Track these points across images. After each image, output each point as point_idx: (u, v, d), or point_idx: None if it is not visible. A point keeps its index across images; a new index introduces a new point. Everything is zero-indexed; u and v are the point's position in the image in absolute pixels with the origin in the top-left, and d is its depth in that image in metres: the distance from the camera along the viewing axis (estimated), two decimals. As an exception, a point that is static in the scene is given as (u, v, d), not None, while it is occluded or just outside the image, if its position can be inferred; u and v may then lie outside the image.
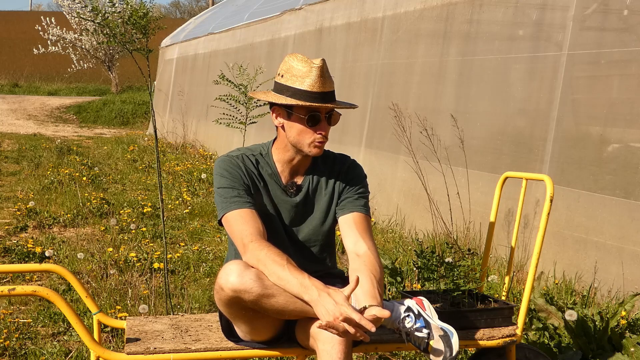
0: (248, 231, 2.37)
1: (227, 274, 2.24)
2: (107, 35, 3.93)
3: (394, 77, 7.07)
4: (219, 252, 5.64)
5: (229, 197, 2.45)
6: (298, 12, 9.61)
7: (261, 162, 2.55)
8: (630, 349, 3.18)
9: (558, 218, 4.63)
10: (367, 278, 2.32)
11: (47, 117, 21.83)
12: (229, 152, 2.59)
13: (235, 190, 2.46)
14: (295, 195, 2.55)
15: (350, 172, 2.60)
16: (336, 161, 2.62)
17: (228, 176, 2.49)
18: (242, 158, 2.54)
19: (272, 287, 2.23)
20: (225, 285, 2.23)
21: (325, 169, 2.60)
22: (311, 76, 2.41)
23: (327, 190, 2.58)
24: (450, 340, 2.38)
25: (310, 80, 2.40)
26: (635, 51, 4.45)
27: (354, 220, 2.51)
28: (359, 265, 2.39)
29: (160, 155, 11.97)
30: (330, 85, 2.44)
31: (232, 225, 2.42)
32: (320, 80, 2.41)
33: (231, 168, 2.50)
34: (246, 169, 2.52)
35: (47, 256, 4.99)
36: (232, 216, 2.42)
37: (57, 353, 3.54)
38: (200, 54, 14.87)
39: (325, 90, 2.42)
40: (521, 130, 5.31)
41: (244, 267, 2.25)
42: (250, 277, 2.22)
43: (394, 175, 6.73)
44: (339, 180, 2.58)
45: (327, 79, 2.43)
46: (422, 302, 2.49)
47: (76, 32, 24.97)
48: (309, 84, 2.40)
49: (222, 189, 2.47)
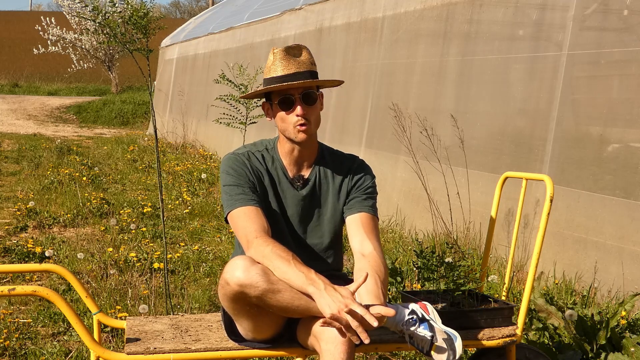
0: (252, 228, 2.38)
1: (233, 269, 2.24)
2: (108, 35, 3.93)
3: (394, 77, 7.07)
4: (219, 252, 5.64)
5: (234, 194, 2.47)
6: (298, 12, 9.61)
7: (267, 157, 2.57)
8: (630, 349, 3.18)
9: (558, 218, 4.63)
10: (371, 278, 2.33)
11: (47, 117, 21.83)
12: (235, 150, 2.61)
13: (241, 187, 2.48)
14: (302, 188, 2.57)
15: (359, 171, 2.61)
16: (345, 160, 2.63)
17: (233, 174, 2.50)
18: (248, 155, 2.56)
19: (278, 283, 2.24)
20: (231, 280, 2.24)
21: (333, 164, 2.61)
22: (275, 62, 2.46)
23: (335, 187, 2.59)
24: (453, 344, 2.38)
25: (275, 66, 2.46)
26: (635, 51, 4.45)
27: (361, 220, 2.52)
28: (364, 265, 2.39)
29: (160, 155, 11.96)
30: (296, 67, 2.45)
31: (236, 223, 2.43)
32: (282, 63, 2.45)
33: (237, 165, 2.52)
34: (252, 166, 2.53)
35: (47, 256, 4.99)
36: (237, 213, 2.44)
37: (57, 353, 3.54)
38: (200, 54, 14.87)
39: (289, 72, 2.44)
40: (521, 130, 5.31)
41: (250, 263, 2.25)
42: (256, 272, 2.23)
43: (394, 175, 6.73)
44: (347, 179, 2.59)
45: (291, 61, 2.46)
46: (425, 307, 2.49)
47: (76, 32, 24.97)
48: (274, 70, 2.46)
49: (228, 186, 2.50)
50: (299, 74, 2.45)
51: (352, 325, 2.10)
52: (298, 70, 2.45)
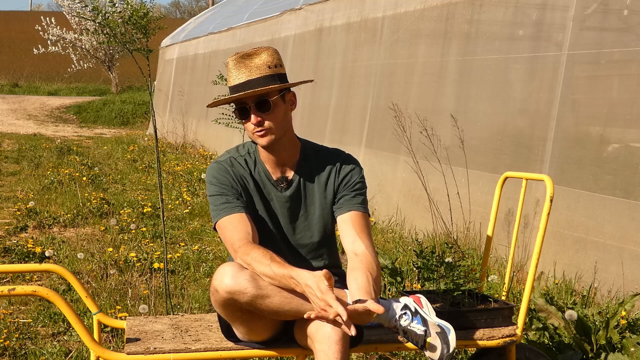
0: (236, 237, 2.37)
1: (222, 276, 2.24)
2: (108, 35, 3.93)
3: (394, 77, 7.06)
4: (219, 252, 5.64)
5: (218, 204, 2.46)
6: (298, 12, 9.61)
7: (249, 162, 2.55)
8: (630, 349, 3.18)
9: (558, 218, 4.63)
10: (363, 275, 2.32)
11: (47, 117, 21.83)
12: (218, 158, 2.58)
13: (224, 196, 2.46)
14: (286, 190, 2.54)
15: (345, 167, 2.56)
16: (329, 156, 2.58)
17: (216, 183, 2.49)
18: (231, 161, 2.54)
19: (267, 288, 2.23)
20: (220, 287, 2.23)
21: (317, 162, 2.56)
22: (230, 72, 2.45)
23: (321, 185, 2.55)
24: (447, 337, 2.37)
25: (230, 75, 2.46)
26: (635, 51, 4.44)
27: (352, 219, 2.50)
28: (356, 264, 2.38)
29: (160, 155, 11.97)
30: (247, 74, 2.41)
31: (223, 233, 2.43)
32: (233, 72, 2.44)
33: (219, 174, 2.50)
34: (234, 173, 2.51)
35: (47, 256, 4.99)
36: (222, 223, 2.43)
37: (57, 353, 3.54)
38: (200, 54, 14.87)
39: (240, 81, 2.42)
40: (521, 130, 5.31)
41: (238, 269, 2.25)
42: (244, 278, 2.22)
43: (394, 175, 6.73)
44: (333, 176, 2.55)
45: (243, 68, 2.42)
46: (419, 300, 2.49)
47: (76, 32, 24.97)
48: (229, 80, 2.46)
49: (212, 196, 2.49)
50: (250, 82, 2.40)
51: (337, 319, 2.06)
52: (249, 77, 2.40)
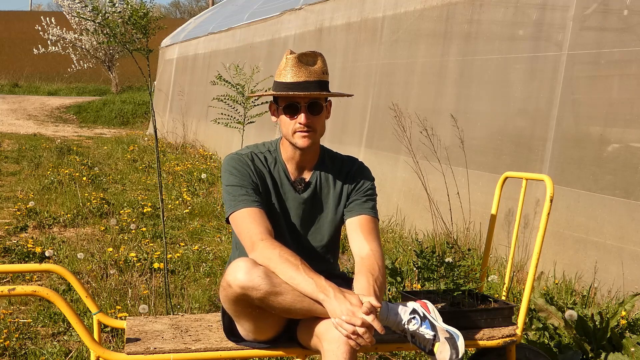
0: (257, 230, 2.37)
1: (235, 271, 2.24)
2: (107, 35, 3.93)
3: (394, 77, 7.06)
4: (219, 252, 5.64)
5: (237, 195, 2.46)
6: (298, 12, 9.61)
7: (269, 160, 2.58)
8: (630, 349, 3.18)
9: (558, 218, 4.63)
10: (364, 276, 2.35)
11: (47, 117, 21.83)
12: (238, 150, 2.61)
13: (244, 188, 2.47)
14: (304, 192, 2.57)
15: (359, 174, 2.62)
16: (344, 162, 2.64)
17: (237, 174, 2.50)
18: (252, 156, 2.56)
19: (280, 285, 2.24)
20: (234, 282, 2.24)
21: (333, 167, 2.62)
22: (287, 68, 2.46)
23: (336, 190, 2.60)
24: (456, 343, 2.39)
25: (285, 71, 2.46)
26: (635, 51, 4.44)
27: (361, 223, 2.53)
28: (359, 267, 2.41)
29: (160, 155, 11.96)
30: (307, 75, 2.45)
31: (240, 224, 2.42)
32: (292, 70, 2.45)
33: (240, 166, 2.52)
34: (255, 168, 2.53)
35: (47, 256, 4.99)
36: (240, 215, 2.43)
37: (57, 353, 3.54)
38: (200, 54, 14.87)
39: (299, 80, 2.44)
40: (521, 130, 5.31)
41: (252, 265, 2.25)
42: (258, 274, 2.23)
43: (394, 175, 6.73)
44: (347, 182, 2.60)
45: (303, 69, 2.45)
46: (426, 305, 2.50)
47: (76, 32, 24.96)
48: (284, 76, 2.46)
49: (231, 186, 2.48)
50: (307, 83, 2.45)
51: (359, 331, 2.14)
52: (308, 79, 2.45)
